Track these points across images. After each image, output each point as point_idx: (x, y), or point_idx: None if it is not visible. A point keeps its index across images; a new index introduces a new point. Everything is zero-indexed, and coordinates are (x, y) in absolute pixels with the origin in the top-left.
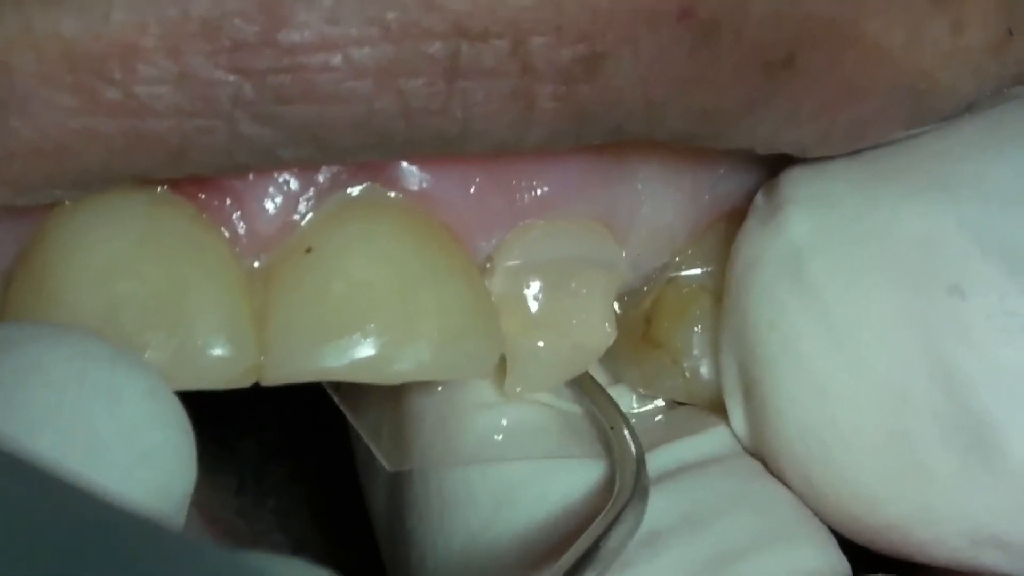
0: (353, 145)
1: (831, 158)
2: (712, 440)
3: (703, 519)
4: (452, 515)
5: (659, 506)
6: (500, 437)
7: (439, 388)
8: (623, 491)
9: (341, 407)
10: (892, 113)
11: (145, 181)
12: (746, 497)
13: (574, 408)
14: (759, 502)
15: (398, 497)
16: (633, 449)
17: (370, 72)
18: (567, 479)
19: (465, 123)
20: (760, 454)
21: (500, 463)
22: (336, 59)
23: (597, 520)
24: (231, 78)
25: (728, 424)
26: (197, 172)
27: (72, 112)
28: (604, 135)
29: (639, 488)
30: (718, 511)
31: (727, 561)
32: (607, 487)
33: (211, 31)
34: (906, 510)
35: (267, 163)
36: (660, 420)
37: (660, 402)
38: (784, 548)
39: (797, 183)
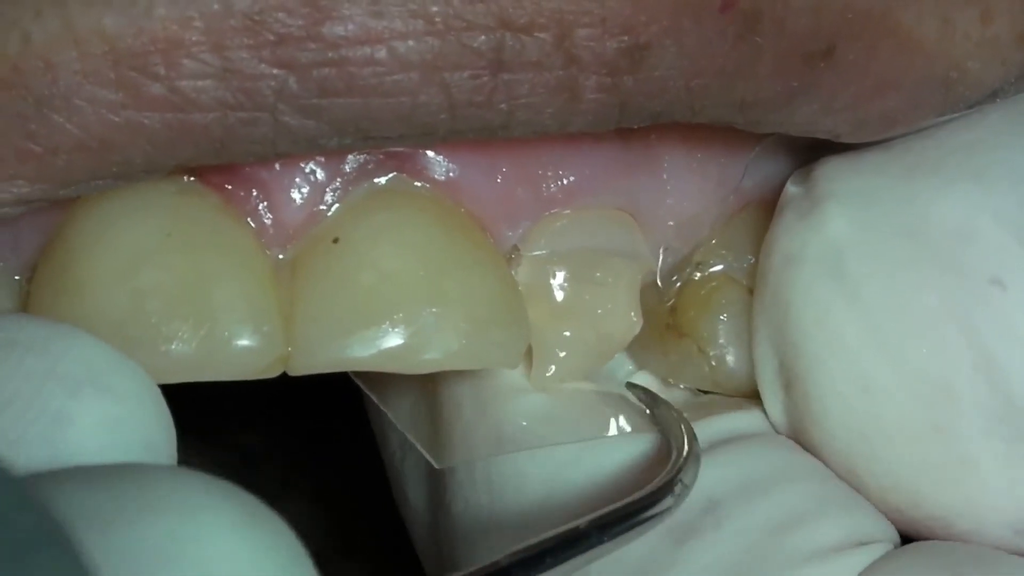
0: (396, 135)
1: (865, 149)
2: (751, 418)
3: (760, 487)
4: (502, 501)
5: (715, 474)
6: (541, 422)
7: (475, 376)
8: (678, 454)
9: (378, 402)
10: (924, 102)
11: (183, 171)
12: (797, 468)
13: (611, 387)
14: (810, 472)
15: (439, 484)
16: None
17: (414, 65)
18: (617, 455)
19: (509, 114)
20: (799, 444)
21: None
22: (381, 52)
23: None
24: (275, 72)
25: (759, 408)
26: (238, 161)
27: (115, 107)
28: (643, 120)
29: (692, 452)
30: (774, 480)
31: (789, 527)
32: (659, 458)
33: (254, 25)
34: (949, 502)
35: (308, 151)
36: (690, 405)
37: (684, 391)
38: (842, 514)
39: (833, 178)
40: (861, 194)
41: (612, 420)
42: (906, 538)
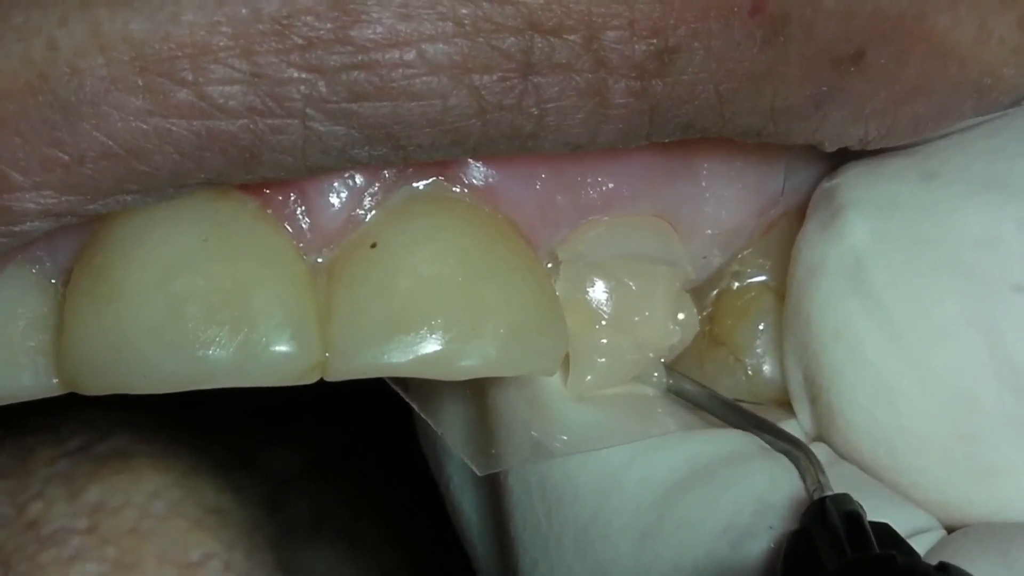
0: (427, 144)
1: (887, 157)
2: (788, 426)
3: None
4: (559, 513)
5: (766, 479)
6: (585, 427)
7: (517, 382)
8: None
9: (419, 410)
10: (955, 108)
11: (214, 186)
12: (842, 470)
13: (651, 390)
14: (855, 473)
15: (496, 505)
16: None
17: (444, 68)
18: (668, 454)
19: (539, 119)
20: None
21: (598, 451)
22: (410, 55)
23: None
24: (304, 76)
25: (792, 418)
26: (269, 176)
27: (142, 114)
28: (673, 132)
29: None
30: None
31: None
32: (712, 459)
33: (283, 29)
34: (979, 512)
35: (340, 164)
36: None
37: None
38: (892, 508)
39: (854, 187)
40: (882, 202)
41: (658, 420)
42: None
